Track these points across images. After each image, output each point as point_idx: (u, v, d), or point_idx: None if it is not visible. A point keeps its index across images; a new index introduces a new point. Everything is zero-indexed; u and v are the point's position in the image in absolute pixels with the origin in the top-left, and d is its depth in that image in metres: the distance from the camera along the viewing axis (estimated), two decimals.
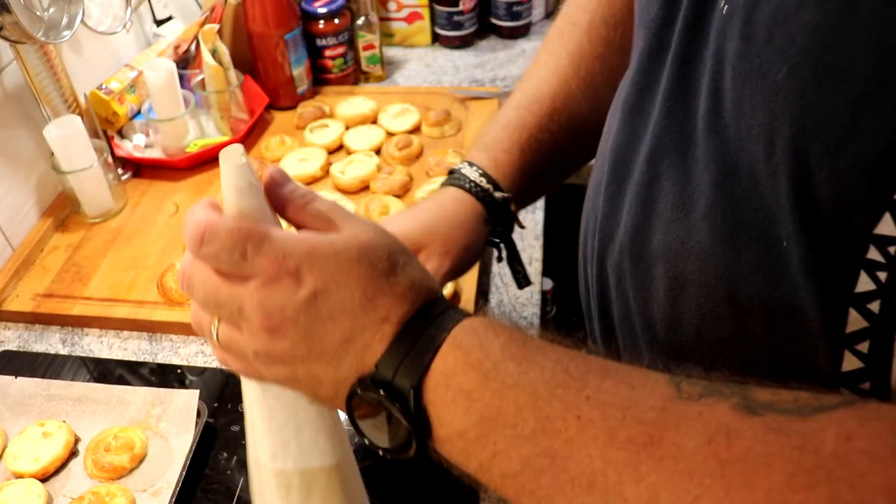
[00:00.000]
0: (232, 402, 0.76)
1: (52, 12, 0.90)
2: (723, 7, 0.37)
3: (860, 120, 0.30)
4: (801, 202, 0.33)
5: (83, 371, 0.81)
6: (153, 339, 0.85)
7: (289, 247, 0.36)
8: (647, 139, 0.45)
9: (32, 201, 0.99)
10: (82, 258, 0.94)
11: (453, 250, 0.58)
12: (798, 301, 0.36)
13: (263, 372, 0.40)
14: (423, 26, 1.38)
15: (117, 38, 1.13)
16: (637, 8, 0.48)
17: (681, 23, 0.41)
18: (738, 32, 0.35)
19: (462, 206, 0.59)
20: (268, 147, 1.11)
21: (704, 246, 0.41)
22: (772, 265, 0.37)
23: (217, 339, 0.40)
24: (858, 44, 0.29)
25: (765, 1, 0.33)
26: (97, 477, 0.69)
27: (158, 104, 1.05)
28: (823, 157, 0.31)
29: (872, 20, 0.29)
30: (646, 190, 0.45)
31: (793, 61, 0.32)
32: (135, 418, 0.74)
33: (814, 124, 0.31)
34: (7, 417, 0.75)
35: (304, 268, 0.36)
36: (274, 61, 1.17)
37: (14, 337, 0.87)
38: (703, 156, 0.40)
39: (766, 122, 0.34)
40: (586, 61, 0.62)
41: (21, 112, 0.96)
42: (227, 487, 0.68)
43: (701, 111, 0.40)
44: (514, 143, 0.61)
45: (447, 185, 0.61)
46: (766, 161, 0.34)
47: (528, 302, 0.86)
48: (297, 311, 0.36)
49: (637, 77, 0.46)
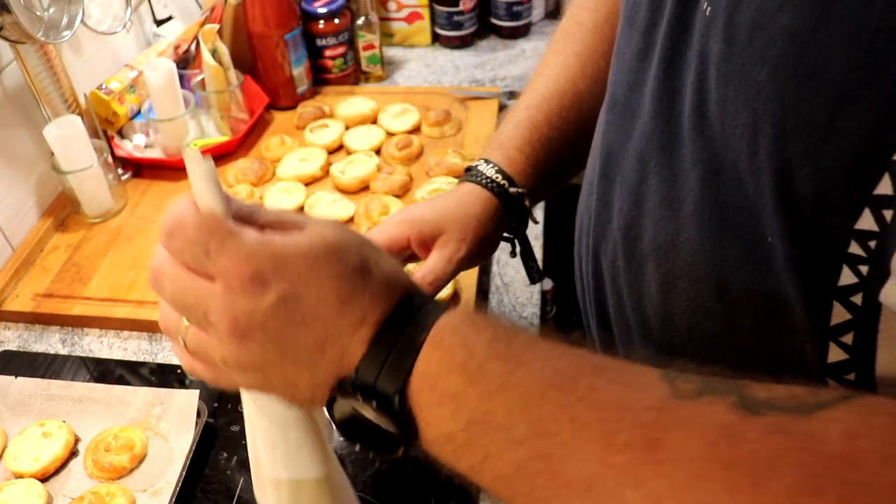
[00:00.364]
0: (232, 402, 0.76)
1: (52, 12, 0.90)
2: (706, 9, 0.37)
3: (838, 120, 0.30)
4: (783, 199, 0.33)
5: (83, 371, 0.81)
6: (153, 339, 0.85)
7: (252, 247, 0.35)
8: (636, 138, 0.45)
9: (32, 201, 0.99)
10: (82, 258, 0.94)
11: (469, 238, 0.59)
12: (784, 295, 0.36)
13: (236, 378, 0.38)
14: (423, 26, 1.38)
15: (117, 38, 1.13)
16: (625, 10, 0.48)
17: (666, 24, 0.42)
18: (720, 34, 0.36)
19: (479, 200, 0.60)
20: (268, 147, 1.11)
21: (693, 243, 0.41)
22: (758, 261, 0.37)
23: (185, 344, 0.39)
24: (835, 45, 0.30)
25: (746, 3, 0.34)
26: (97, 477, 0.69)
27: (158, 104, 1.05)
28: (804, 156, 0.32)
29: (848, 22, 0.29)
30: (636, 188, 0.45)
31: (773, 63, 0.32)
32: (135, 418, 0.74)
33: (794, 124, 0.32)
34: (7, 417, 0.75)
35: (270, 270, 0.34)
36: (274, 61, 1.17)
37: (14, 337, 0.87)
38: (689, 154, 0.40)
39: (749, 121, 0.34)
40: (592, 60, 0.63)
41: (21, 112, 0.96)
42: (227, 487, 0.68)
43: (686, 111, 0.40)
44: (526, 141, 0.63)
45: (464, 182, 0.62)
46: (749, 159, 0.35)
47: (528, 302, 0.86)
48: (265, 316, 0.35)
49: (627, 77, 0.47)
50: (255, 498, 0.50)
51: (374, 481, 0.68)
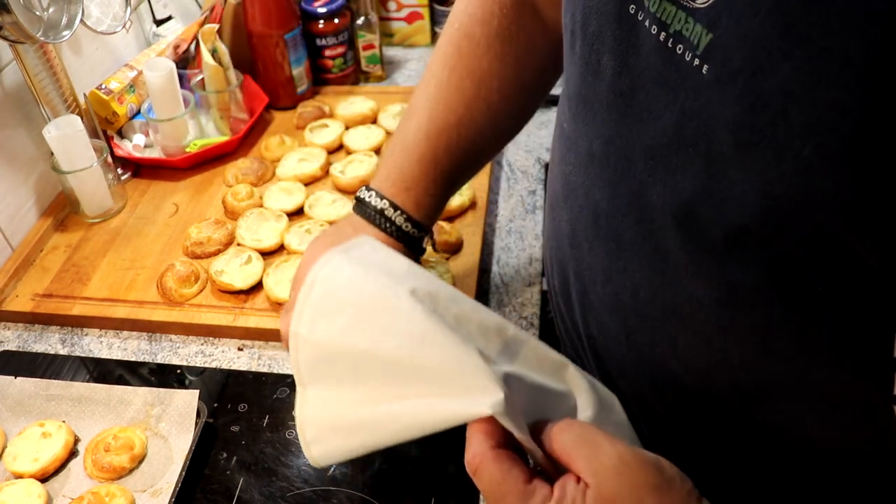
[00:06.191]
0: (232, 402, 0.76)
1: (51, 12, 0.90)
2: (697, 65, 0.36)
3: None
4: (833, 258, 0.33)
5: (83, 371, 0.81)
6: (153, 339, 0.85)
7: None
8: (631, 196, 0.45)
9: (32, 201, 0.99)
10: (82, 258, 0.94)
11: None
12: (839, 334, 0.36)
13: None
14: (422, 26, 1.38)
15: (117, 38, 1.13)
16: (582, 53, 0.47)
17: (646, 76, 0.41)
18: (736, 99, 0.35)
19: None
20: (267, 147, 1.11)
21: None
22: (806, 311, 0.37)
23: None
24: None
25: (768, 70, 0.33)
26: (97, 477, 0.69)
27: (158, 104, 1.05)
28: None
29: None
30: (648, 254, 0.45)
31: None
32: (134, 418, 0.74)
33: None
34: (6, 418, 0.75)
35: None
36: (274, 61, 1.17)
37: (13, 337, 0.87)
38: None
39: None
40: (485, 83, 0.64)
41: (20, 112, 0.96)
42: (227, 488, 0.68)
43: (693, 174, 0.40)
44: (431, 181, 0.64)
45: (369, 226, 0.63)
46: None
47: (528, 302, 0.86)
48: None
49: (601, 129, 0.46)
50: None
51: (374, 481, 0.68)
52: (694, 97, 0.37)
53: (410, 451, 0.70)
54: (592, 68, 0.46)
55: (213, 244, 0.93)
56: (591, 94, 0.46)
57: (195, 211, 1.02)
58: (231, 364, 0.81)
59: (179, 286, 0.87)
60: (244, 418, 0.74)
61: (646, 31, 0.39)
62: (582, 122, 0.49)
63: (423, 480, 0.67)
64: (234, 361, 0.82)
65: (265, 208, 0.99)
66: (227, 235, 0.95)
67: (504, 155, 1.10)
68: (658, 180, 0.41)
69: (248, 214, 0.96)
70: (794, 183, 0.32)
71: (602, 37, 0.43)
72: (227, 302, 0.86)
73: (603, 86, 0.45)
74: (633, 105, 0.42)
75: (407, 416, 0.42)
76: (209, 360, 0.82)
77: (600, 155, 0.47)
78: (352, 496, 0.67)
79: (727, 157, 0.35)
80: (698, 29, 0.35)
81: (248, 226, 0.95)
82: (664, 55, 0.38)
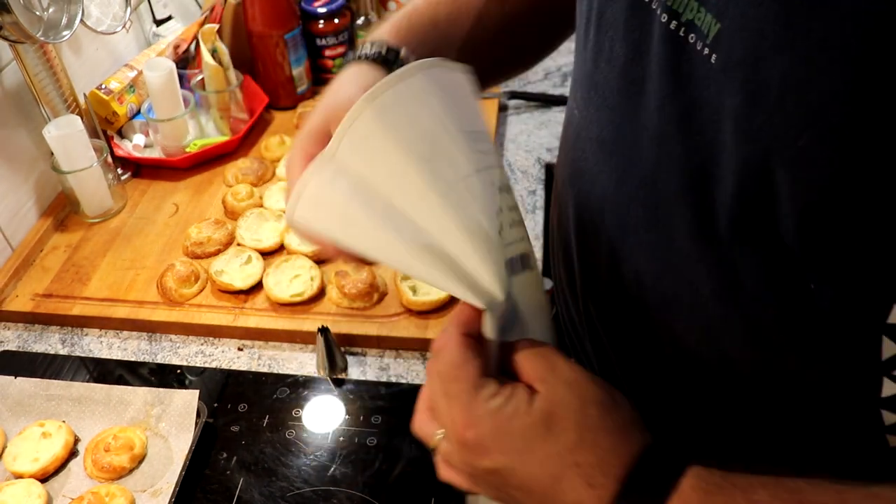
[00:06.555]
0: (231, 402, 0.76)
1: (51, 12, 0.90)
2: (707, 54, 0.36)
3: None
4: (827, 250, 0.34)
5: (83, 371, 0.81)
6: (153, 339, 0.85)
7: (480, 415, 0.38)
8: (637, 184, 0.45)
9: (32, 201, 0.99)
10: (82, 258, 0.94)
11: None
12: (831, 334, 0.36)
13: (480, 490, 0.42)
14: None
15: (117, 38, 1.13)
16: (596, 40, 0.47)
17: (655, 65, 0.41)
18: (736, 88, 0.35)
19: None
20: (267, 147, 1.11)
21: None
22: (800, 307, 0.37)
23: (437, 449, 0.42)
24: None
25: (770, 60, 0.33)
26: (97, 477, 0.69)
27: (158, 104, 1.05)
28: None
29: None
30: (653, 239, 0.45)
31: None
32: (134, 418, 0.74)
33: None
34: (7, 418, 0.75)
35: (490, 441, 0.38)
36: (274, 61, 1.17)
37: (13, 337, 0.87)
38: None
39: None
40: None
41: (21, 112, 0.96)
42: (227, 488, 0.68)
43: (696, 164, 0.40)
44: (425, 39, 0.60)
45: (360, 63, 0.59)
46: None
47: None
48: (483, 473, 0.39)
49: (612, 116, 0.46)
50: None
51: (374, 481, 0.68)
52: (703, 86, 0.37)
53: (410, 452, 0.70)
54: (605, 55, 0.46)
55: (213, 244, 0.93)
56: (603, 80, 0.47)
57: (195, 211, 1.02)
58: (231, 364, 0.81)
59: (179, 286, 0.87)
60: (244, 418, 0.74)
61: (658, 19, 0.40)
62: (594, 108, 0.49)
63: (423, 480, 0.67)
64: (234, 361, 0.82)
65: (265, 208, 0.99)
66: (227, 235, 0.95)
67: (504, 155, 1.10)
68: (665, 168, 0.41)
69: (248, 214, 0.96)
70: (791, 172, 0.32)
71: (616, 24, 0.44)
72: (226, 302, 0.86)
73: (614, 73, 0.45)
74: (644, 93, 0.42)
75: (407, 255, 0.41)
76: (209, 360, 0.82)
77: (609, 141, 0.47)
78: (352, 496, 0.67)
79: (731, 146, 0.36)
80: (708, 19, 0.36)
81: (248, 226, 0.95)
82: (675, 44, 0.38)
